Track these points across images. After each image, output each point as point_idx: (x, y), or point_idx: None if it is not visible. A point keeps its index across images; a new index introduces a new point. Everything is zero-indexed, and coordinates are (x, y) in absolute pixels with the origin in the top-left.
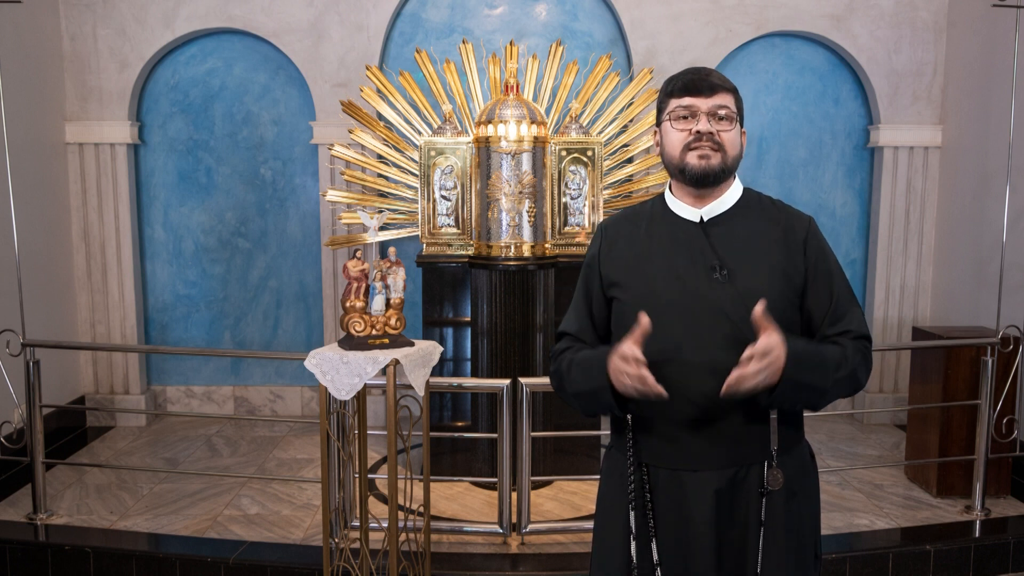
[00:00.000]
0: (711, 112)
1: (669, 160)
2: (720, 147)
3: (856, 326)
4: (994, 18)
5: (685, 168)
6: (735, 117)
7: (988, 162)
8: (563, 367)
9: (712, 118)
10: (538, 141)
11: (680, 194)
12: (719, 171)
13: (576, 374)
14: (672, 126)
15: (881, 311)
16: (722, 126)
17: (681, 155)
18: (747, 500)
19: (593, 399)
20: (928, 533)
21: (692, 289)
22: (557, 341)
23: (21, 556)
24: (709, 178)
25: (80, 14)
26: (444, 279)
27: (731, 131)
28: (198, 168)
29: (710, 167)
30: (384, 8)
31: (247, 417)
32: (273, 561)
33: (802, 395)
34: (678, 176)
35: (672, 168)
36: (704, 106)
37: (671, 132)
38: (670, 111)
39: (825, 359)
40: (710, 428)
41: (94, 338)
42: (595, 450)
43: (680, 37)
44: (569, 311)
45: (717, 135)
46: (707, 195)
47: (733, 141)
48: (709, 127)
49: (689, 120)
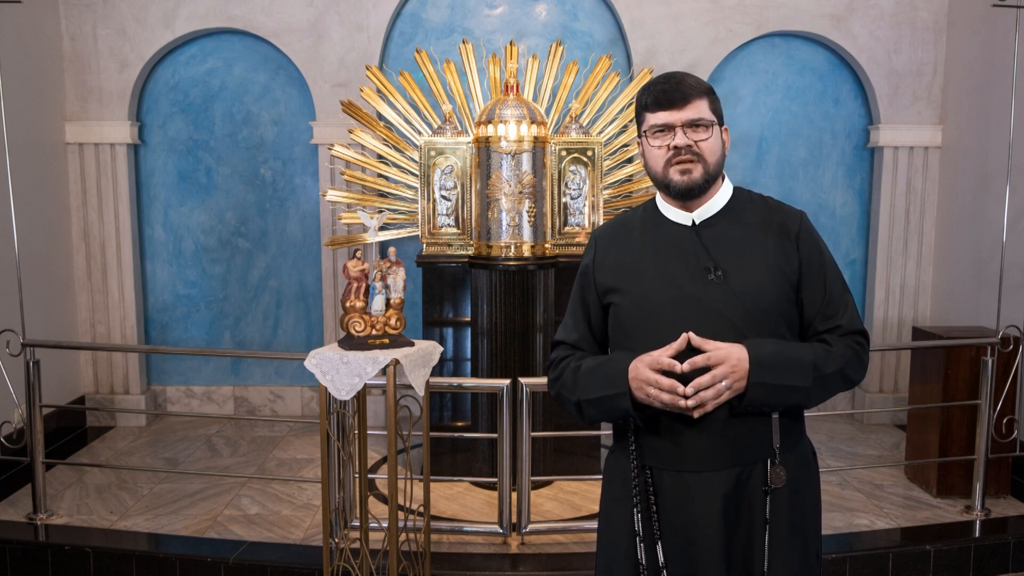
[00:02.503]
0: (687, 124)
1: (653, 176)
2: (700, 157)
3: (847, 321)
4: (994, 18)
5: (670, 184)
6: (712, 123)
7: (988, 162)
8: (566, 375)
9: (688, 129)
10: (538, 141)
11: (669, 200)
12: (703, 183)
13: (587, 381)
14: (650, 143)
15: (881, 311)
16: (699, 135)
17: (663, 171)
18: (751, 499)
19: (608, 406)
20: (928, 533)
21: (688, 292)
22: (553, 350)
23: (21, 556)
24: (694, 191)
25: (80, 14)
26: (444, 279)
27: (709, 139)
28: (198, 168)
29: (692, 181)
30: (384, 8)
31: (247, 417)
32: (273, 561)
33: (779, 397)
34: (664, 190)
35: (657, 183)
36: (679, 119)
37: (650, 148)
38: (646, 128)
39: (800, 359)
40: (712, 429)
41: (94, 338)
42: (595, 450)
43: (680, 37)
44: (565, 320)
45: (695, 146)
46: (696, 200)
47: (712, 148)
48: (686, 140)
49: (666, 135)
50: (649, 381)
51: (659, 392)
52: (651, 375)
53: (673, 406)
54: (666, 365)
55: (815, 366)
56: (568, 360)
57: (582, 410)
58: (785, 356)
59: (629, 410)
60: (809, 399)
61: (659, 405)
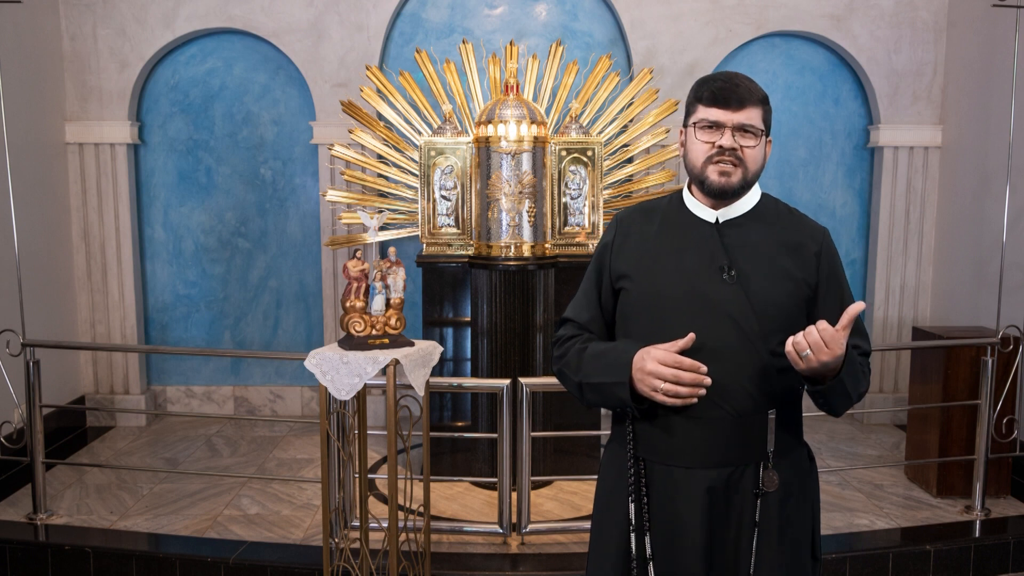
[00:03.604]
0: (737, 127)
1: (691, 168)
2: (742, 162)
3: (865, 344)
4: (994, 18)
5: (705, 181)
6: (760, 132)
7: (988, 162)
8: (571, 355)
9: (737, 132)
10: (538, 141)
11: (699, 196)
12: (739, 187)
13: (591, 365)
14: (696, 136)
15: (881, 311)
16: (747, 141)
17: (703, 167)
18: (742, 501)
19: (607, 392)
20: (928, 533)
21: (699, 288)
22: (560, 326)
23: (21, 556)
24: (727, 194)
25: (80, 14)
26: (444, 279)
27: (755, 147)
28: (198, 168)
29: (729, 184)
30: (384, 8)
31: (247, 417)
32: (273, 561)
33: (839, 395)
34: (698, 185)
35: (692, 176)
36: (730, 121)
37: (695, 141)
38: (696, 120)
39: (857, 371)
40: (707, 426)
41: (94, 338)
42: (595, 450)
43: (680, 37)
44: (577, 297)
45: (740, 151)
46: (725, 200)
47: (755, 157)
48: (733, 143)
49: (714, 132)
50: (658, 374)
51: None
52: (663, 370)
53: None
54: (688, 365)
55: (858, 380)
56: (575, 341)
57: (583, 392)
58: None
59: (627, 400)
60: (845, 405)
61: (663, 399)
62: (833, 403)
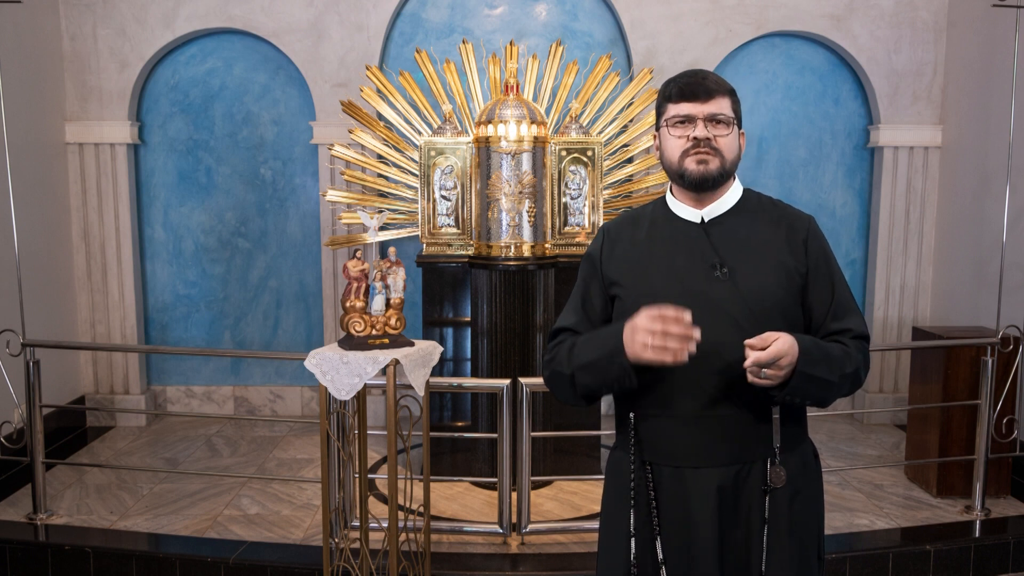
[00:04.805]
0: (708, 118)
1: (668, 165)
2: (718, 151)
3: (856, 326)
4: (994, 18)
5: (684, 173)
6: (732, 121)
7: (988, 162)
8: (560, 353)
9: (709, 123)
10: (538, 141)
11: (681, 196)
12: (717, 176)
13: (581, 350)
14: (670, 132)
15: (881, 311)
16: (719, 131)
17: (680, 161)
18: (750, 498)
19: (602, 367)
20: (928, 533)
21: (693, 288)
22: (552, 338)
23: (21, 556)
24: (708, 183)
25: (80, 14)
26: (444, 279)
27: (728, 135)
28: (198, 168)
29: (708, 172)
30: (384, 8)
31: (247, 417)
32: (273, 561)
33: (812, 388)
34: (678, 181)
35: (671, 173)
36: (701, 112)
37: (669, 138)
38: (667, 117)
39: (831, 354)
40: (712, 425)
41: (94, 338)
42: (595, 450)
43: (680, 37)
44: (566, 310)
45: (714, 140)
46: (707, 197)
47: (730, 145)
48: (706, 133)
49: (687, 126)
50: (645, 327)
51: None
52: (652, 323)
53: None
54: (671, 313)
55: (840, 363)
56: (562, 345)
57: (575, 383)
58: (820, 349)
59: (625, 365)
60: (831, 394)
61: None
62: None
